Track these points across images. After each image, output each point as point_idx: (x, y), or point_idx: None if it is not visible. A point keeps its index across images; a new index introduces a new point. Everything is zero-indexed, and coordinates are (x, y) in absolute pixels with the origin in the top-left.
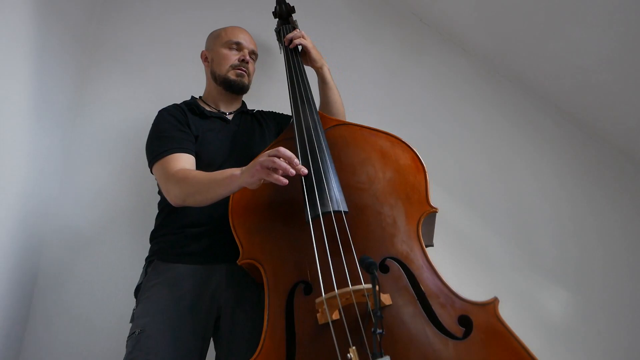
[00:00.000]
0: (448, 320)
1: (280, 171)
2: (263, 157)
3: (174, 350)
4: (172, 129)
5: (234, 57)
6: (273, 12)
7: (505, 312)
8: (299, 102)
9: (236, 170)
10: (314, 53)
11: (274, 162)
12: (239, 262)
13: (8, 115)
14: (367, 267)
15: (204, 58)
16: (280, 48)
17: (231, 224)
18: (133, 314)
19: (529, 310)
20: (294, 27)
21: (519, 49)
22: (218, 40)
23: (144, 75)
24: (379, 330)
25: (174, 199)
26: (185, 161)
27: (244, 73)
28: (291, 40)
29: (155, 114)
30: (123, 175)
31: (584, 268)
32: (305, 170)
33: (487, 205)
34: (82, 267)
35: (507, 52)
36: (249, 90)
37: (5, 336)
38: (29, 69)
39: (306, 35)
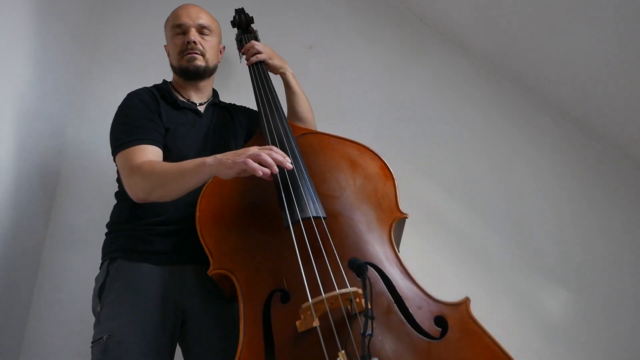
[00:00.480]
0: (425, 321)
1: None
2: (252, 151)
3: (145, 356)
4: (140, 117)
5: (179, 42)
6: (231, 22)
7: (505, 312)
8: (267, 110)
9: (208, 159)
10: (274, 62)
11: (260, 156)
12: (210, 273)
13: (8, 115)
14: (358, 268)
15: (167, 53)
16: (240, 57)
17: (199, 233)
18: (98, 316)
19: (529, 310)
20: (255, 36)
21: (519, 49)
22: (166, 31)
23: (144, 75)
24: (368, 332)
25: (138, 193)
26: (151, 153)
27: (195, 55)
28: (250, 57)
29: None
30: None
31: (584, 268)
32: (290, 166)
33: (487, 205)
34: (81, 267)
35: (507, 52)
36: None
37: (5, 336)
38: (29, 69)
39: (261, 45)
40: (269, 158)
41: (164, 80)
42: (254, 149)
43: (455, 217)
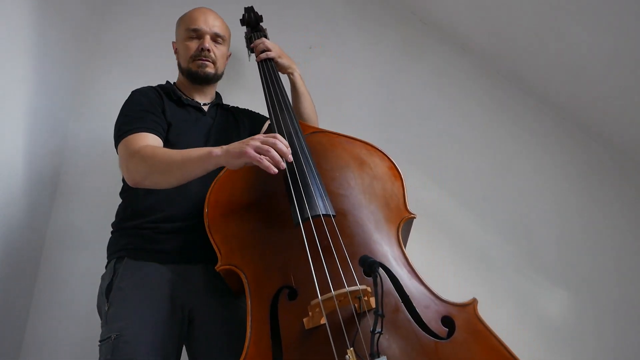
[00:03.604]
0: (432, 321)
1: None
2: (256, 141)
3: (153, 356)
4: (141, 109)
5: (193, 47)
6: (240, 20)
7: (506, 313)
8: (277, 108)
9: (215, 149)
10: (283, 61)
11: (269, 151)
12: (217, 268)
13: (8, 115)
14: (370, 266)
15: (175, 50)
16: (249, 54)
17: (207, 230)
18: (105, 316)
19: (531, 311)
20: (264, 34)
21: (519, 49)
22: (179, 30)
23: (144, 74)
24: (377, 330)
25: (135, 176)
26: (152, 140)
27: (206, 62)
28: (260, 53)
29: None
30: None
31: (586, 269)
32: (291, 158)
33: (488, 205)
34: (81, 267)
35: (508, 51)
36: (221, 83)
37: (5, 336)
38: (29, 68)
39: (271, 43)
40: (272, 150)
41: (167, 82)
42: (258, 137)
43: (456, 217)
